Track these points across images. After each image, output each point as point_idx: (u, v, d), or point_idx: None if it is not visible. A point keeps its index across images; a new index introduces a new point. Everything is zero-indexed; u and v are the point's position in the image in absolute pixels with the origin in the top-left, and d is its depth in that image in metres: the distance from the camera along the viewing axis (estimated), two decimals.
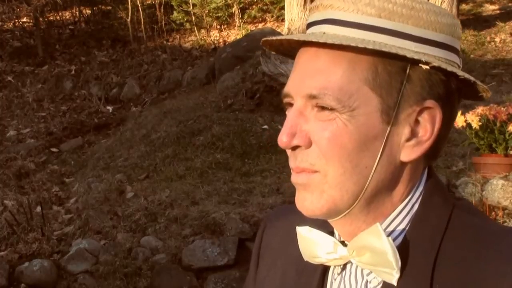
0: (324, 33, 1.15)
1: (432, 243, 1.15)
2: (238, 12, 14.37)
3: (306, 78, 1.15)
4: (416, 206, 1.19)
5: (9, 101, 12.10)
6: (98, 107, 11.67)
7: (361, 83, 1.12)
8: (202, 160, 8.08)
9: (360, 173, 1.14)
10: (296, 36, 1.18)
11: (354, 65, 1.12)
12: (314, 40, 1.13)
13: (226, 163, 8.00)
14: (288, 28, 13.14)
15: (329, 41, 1.11)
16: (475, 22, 13.19)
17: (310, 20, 1.21)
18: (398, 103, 1.13)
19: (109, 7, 15.48)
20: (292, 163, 1.18)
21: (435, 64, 1.12)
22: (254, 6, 14.62)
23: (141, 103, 11.71)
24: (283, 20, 13.81)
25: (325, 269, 1.27)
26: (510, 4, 14.37)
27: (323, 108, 1.13)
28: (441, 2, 12.53)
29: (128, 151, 8.97)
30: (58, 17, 15.76)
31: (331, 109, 1.12)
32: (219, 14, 14.42)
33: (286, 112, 1.20)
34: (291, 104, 1.19)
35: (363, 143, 1.13)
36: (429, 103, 1.15)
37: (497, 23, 13.07)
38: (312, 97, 1.14)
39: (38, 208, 7.17)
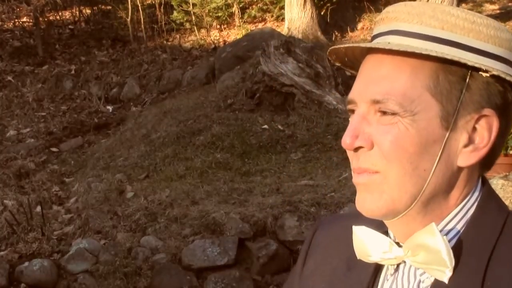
0: (388, 42, 1.21)
1: (486, 245, 1.19)
2: (238, 11, 14.35)
3: (370, 84, 1.20)
4: (472, 210, 1.23)
5: (9, 101, 12.09)
6: (98, 107, 11.66)
7: (423, 89, 1.17)
8: (202, 160, 8.08)
9: (419, 175, 1.18)
10: (363, 44, 1.23)
11: (417, 72, 1.18)
12: (380, 47, 1.18)
13: (226, 163, 8.00)
14: (288, 28, 13.14)
15: (395, 48, 1.17)
16: None
17: (375, 32, 1.27)
18: (457, 110, 1.18)
19: (109, 7, 15.46)
20: (354, 164, 1.23)
21: (495, 72, 1.16)
22: (254, 6, 14.60)
23: (141, 103, 11.70)
24: (283, 19, 13.80)
25: (377, 269, 1.30)
26: (510, 4, 14.37)
27: (385, 112, 1.18)
28: (441, 2, 12.52)
29: (128, 151, 8.97)
30: (58, 17, 15.74)
31: (394, 114, 1.17)
32: (219, 14, 14.40)
33: (350, 119, 1.24)
34: (354, 111, 1.24)
35: (423, 146, 1.17)
36: (487, 111, 1.19)
37: None
38: (375, 102, 1.19)
39: (38, 208, 7.17)
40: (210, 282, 5.90)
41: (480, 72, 1.17)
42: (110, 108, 11.68)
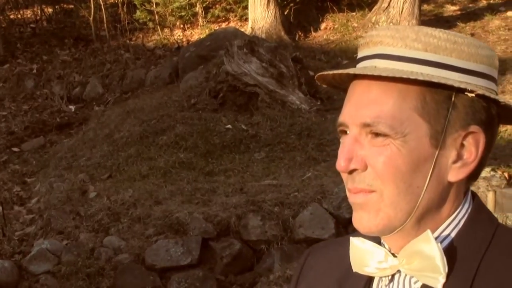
0: (375, 67, 1.26)
1: (476, 253, 1.25)
2: (202, 11, 14.34)
3: (360, 108, 1.25)
4: (463, 221, 1.29)
5: None
6: (60, 106, 11.57)
7: (411, 111, 1.22)
8: (165, 160, 8.06)
9: (412, 192, 1.24)
10: (352, 70, 1.27)
11: (404, 95, 1.23)
12: (368, 73, 1.23)
13: (190, 163, 8.00)
14: (251, 27, 13.16)
15: (383, 73, 1.21)
16: (437, 22, 13.31)
17: (360, 55, 1.32)
18: (445, 128, 1.23)
19: (71, 6, 15.35)
20: (349, 185, 1.28)
21: (480, 92, 1.21)
22: (217, 6, 14.60)
23: (104, 103, 11.63)
24: (246, 19, 13.82)
25: (369, 281, 1.34)
26: (470, 5, 14.54)
27: (377, 134, 1.23)
28: (403, 3, 12.63)
29: (90, 151, 8.92)
30: (19, 16, 15.58)
31: (385, 135, 1.22)
32: (182, 14, 14.37)
33: (340, 140, 1.29)
34: (345, 132, 1.29)
35: (415, 165, 1.23)
36: (473, 128, 1.25)
37: (458, 24, 13.22)
38: (366, 125, 1.23)
39: None
40: (174, 282, 5.90)
41: (466, 93, 1.22)
42: (72, 107, 11.60)
